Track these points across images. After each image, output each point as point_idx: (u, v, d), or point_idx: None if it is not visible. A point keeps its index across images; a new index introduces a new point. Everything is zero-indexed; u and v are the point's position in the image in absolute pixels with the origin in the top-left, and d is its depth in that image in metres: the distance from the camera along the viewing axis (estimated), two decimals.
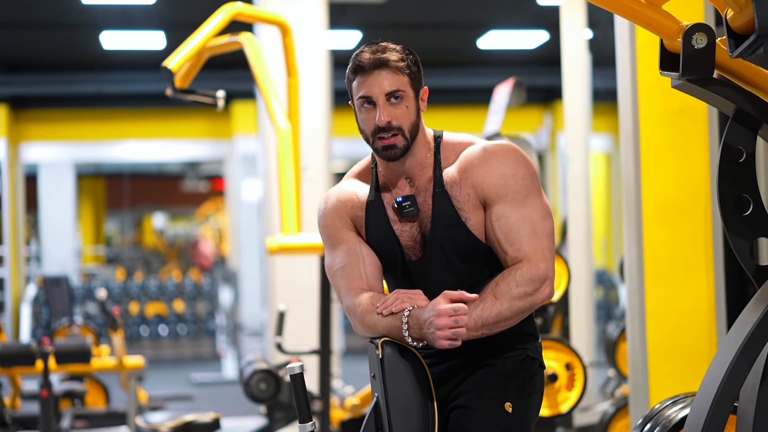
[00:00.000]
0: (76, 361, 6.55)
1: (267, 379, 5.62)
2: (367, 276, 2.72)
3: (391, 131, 2.63)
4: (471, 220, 2.67)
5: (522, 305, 2.59)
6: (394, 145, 2.64)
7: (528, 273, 2.60)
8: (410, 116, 2.65)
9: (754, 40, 2.19)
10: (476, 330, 2.57)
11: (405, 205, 2.69)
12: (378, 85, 2.63)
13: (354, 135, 11.50)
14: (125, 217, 23.91)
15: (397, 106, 2.63)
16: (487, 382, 2.67)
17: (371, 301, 2.65)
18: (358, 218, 2.77)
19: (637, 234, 4.31)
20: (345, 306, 2.70)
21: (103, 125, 14.72)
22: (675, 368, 4.25)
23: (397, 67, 2.63)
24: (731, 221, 2.52)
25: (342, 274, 2.73)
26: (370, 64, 2.64)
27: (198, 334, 15.15)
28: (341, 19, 9.98)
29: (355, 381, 8.31)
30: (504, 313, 2.57)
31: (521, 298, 2.58)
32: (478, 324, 2.56)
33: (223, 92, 5.47)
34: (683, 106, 4.25)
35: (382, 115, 2.62)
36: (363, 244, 2.75)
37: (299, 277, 7.40)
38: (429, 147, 2.73)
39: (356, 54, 2.69)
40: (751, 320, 2.45)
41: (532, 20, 10.96)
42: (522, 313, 2.61)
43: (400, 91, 2.63)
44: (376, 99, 2.64)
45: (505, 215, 2.64)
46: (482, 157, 2.68)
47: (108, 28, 10.82)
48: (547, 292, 2.63)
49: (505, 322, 2.59)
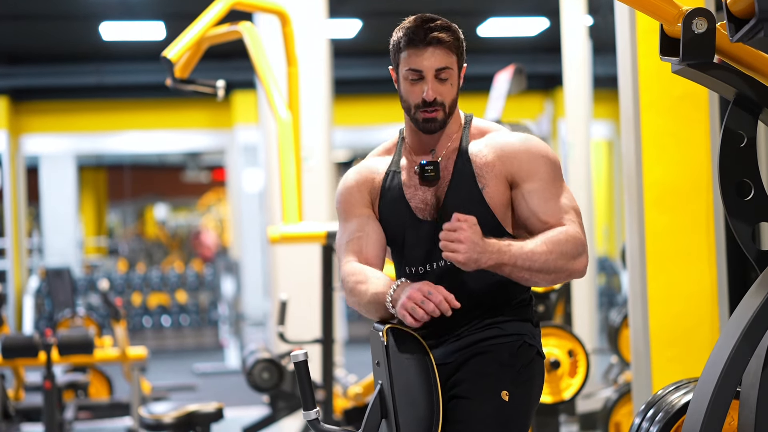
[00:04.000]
0: (79, 353, 6.55)
1: (270, 368, 5.62)
2: (367, 252, 2.76)
3: (434, 106, 2.69)
4: (488, 188, 2.69)
5: (564, 265, 2.61)
6: (435, 118, 2.70)
7: (576, 235, 2.64)
8: (452, 93, 2.72)
9: (754, 24, 2.18)
10: (520, 270, 2.57)
11: (428, 169, 2.73)
12: (429, 61, 2.67)
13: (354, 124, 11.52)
14: (127, 209, 23.93)
15: (444, 83, 2.70)
16: (483, 370, 2.66)
17: (363, 271, 2.69)
18: (374, 189, 2.82)
19: (639, 220, 4.31)
20: (340, 277, 2.77)
21: (104, 116, 14.71)
22: (677, 354, 4.25)
23: (448, 46, 2.69)
24: (733, 206, 2.52)
25: (345, 248, 2.79)
26: (425, 40, 2.68)
27: (200, 324, 15.16)
28: (341, 8, 9.96)
29: (358, 370, 8.32)
30: (550, 264, 2.59)
31: (567, 257, 2.60)
32: (525, 265, 2.57)
33: (223, 82, 5.47)
34: (684, 92, 4.24)
35: (430, 90, 2.68)
36: (372, 222, 2.79)
37: (301, 266, 7.39)
38: (459, 124, 2.79)
39: (409, 27, 2.71)
40: (753, 305, 2.45)
41: (532, 7, 10.94)
42: (559, 275, 2.61)
43: (448, 69, 2.69)
44: (426, 74, 2.69)
45: (538, 190, 2.67)
46: (512, 137, 2.74)
47: (108, 19, 10.81)
48: (584, 264, 2.65)
49: (543, 275, 2.59)
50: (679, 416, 2.76)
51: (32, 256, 15.95)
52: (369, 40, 12.10)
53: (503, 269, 2.58)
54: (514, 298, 2.74)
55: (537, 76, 12.61)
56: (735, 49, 2.45)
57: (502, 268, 2.57)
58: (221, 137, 14.92)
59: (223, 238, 20.17)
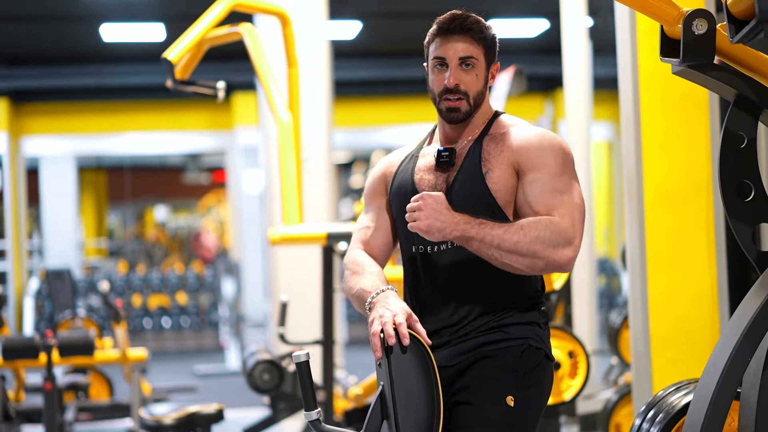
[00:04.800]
0: (80, 354, 6.56)
1: (270, 369, 5.62)
2: (372, 242, 2.86)
3: (458, 94, 2.72)
4: (492, 172, 2.70)
5: (540, 251, 2.57)
6: (458, 108, 2.73)
7: (560, 225, 2.60)
8: (478, 84, 2.74)
9: (754, 25, 2.18)
10: (488, 247, 2.58)
11: (444, 155, 2.77)
12: (453, 49, 2.72)
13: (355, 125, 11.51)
14: (127, 210, 23.93)
15: (468, 72, 2.73)
16: (487, 375, 2.66)
17: (361, 263, 2.78)
18: (390, 174, 2.90)
19: (639, 221, 4.31)
20: (343, 262, 2.89)
21: (104, 118, 14.71)
22: (678, 355, 4.25)
23: (474, 37, 2.72)
24: (733, 207, 2.52)
25: (355, 236, 2.91)
26: (451, 29, 2.73)
27: (201, 325, 15.16)
28: (341, 9, 9.96)
29: (359, 371, 8.33)
30: (521, 246, 2.57)
31: (543, 243, 2.57)
32: (494, 242, 2.58)
33: (224, 83, 5.47)
34: (684, 93, 4.24)
35: (451, 77, 2.72)
36: (383, 213, 2.88)
37: (301, 267, 7.40)
38: (487, 118, 2.81)
39: (440, 19, 2.77)
40: (753, 306, 2.45)
41: (533, 8, 10.95)
42: (534, 260, 2.58)
43: (472, 58, 2.72)
44: (450, 61, 2.73)
45: (539, 180, 2.66)
46: (529, 130, 2.75)
47: (108, 21, 10.81)
48: (568, 257, 2.60)
49: (516, 257, 2.58)
50: (679, 417, 2.76)
51: (32, 257, 15.96)
52: (369, 41, 12.10)
53: (471, 244, 2.60)
54: (520, 296, 2.72)
55: (537, 77, 12.62)
56: (735, 50, 2.46)
57: (469, 242, 2.60)
58: (221, 139, 14.93)
59: (223, 240, 20.17)
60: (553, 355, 2.79)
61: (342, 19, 10.58)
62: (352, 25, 11.12)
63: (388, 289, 2.66)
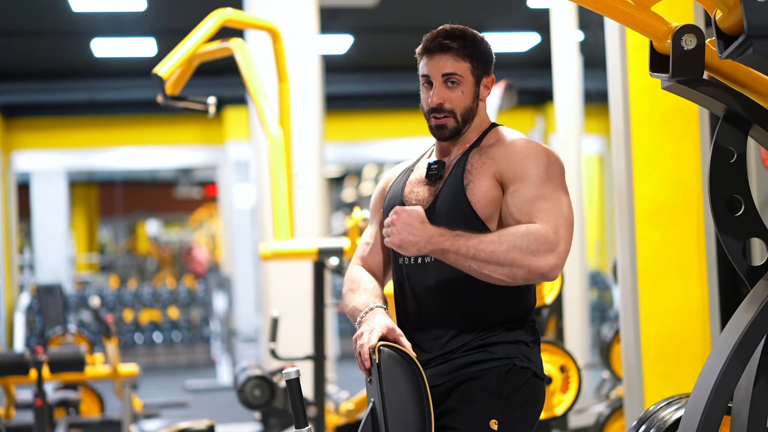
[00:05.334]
0: (70, 370, 6.53)
1: (261, 385, 5.61)
2: (369, 258, 2.87)
3: (443, 112, 2.71)
4: (473, 184, 2.66)
5: (518, 259, 2.51)
6: (444, 125, 2.72)
7: (540, 231, 2.53)
8: (465, 101, 2.72)
9: (743, 41, 2.19)
10: (465, 258, 2.54)
11: (432, 168, 2.75)
12: (437, 67, 2.71)
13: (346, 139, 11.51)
14: (118, 225, 23.90)
15: (453, 89, 2.71)
16: (471, 398, 2.62)
17: (358, 280, 2.80)
18: (387, 189, 2.89)
19: (630, 235, 4.32)
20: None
21: (96, 133, 14.71)
22: (669, 369, 4.25)
23: (458, 53, 2.71)
24: (723, 222, 2.52)
25: (356, 251, 2.92)
26: (435, 47, 2.72)
27: (192, 340, 15.13)
28: (332, 23, 9.98)
29: (350, 386, 8.30)
30: (498, 255, 2.51)
31: (521, 250, 2.51)
32: (469, 253, 2.53)
33: (214, 99, 5.47)
34: (674, 108, 4.25)
35: (435, 95, 2.70)
36: (382, 228, 2.85)
37: (293, 282, 7.38)
38: (480, 131, 2.78)
39: (425, 36, 2.76)
40: (744, 321, 2.45)
41: (524, 23, 10.97)
42: (513, 269, 2.51)
43: (456, 75, 2.70)
44: (434, 79, 2.71)
45: (521, 190, 2.61)
46: (514, 140, 2.71)
47: (99, 36, 10.81)
48: (551, 263, 2.52)
49: (493, 267, 2.52)
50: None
51: (23, 272, 15.92)
52: (360, 55, 12.12)
53: (447, 256, 2.56)
54: (507, 314, 2.68)
55: (528, 91, 12.64)
56: (724, 66, 2.46)
57: (445, 255, 2.55)
58: (213, 153, 14.93)
59: (214, 254, 20.14)
60: (543, 373, 2.73)
61: (333, 33, 10.60)
62: (343, 39, 11.14)
63: (377, 306, 2.65)
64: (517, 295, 2.69)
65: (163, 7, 9.84)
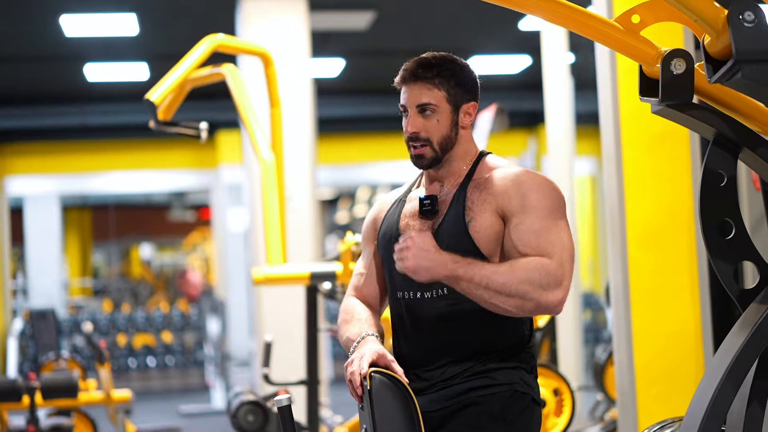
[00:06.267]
0: (63, 396, 6.51)
1: (254, 410, 5.58)
2: (364, 289, 2.87)
3: (419, 141, 2.72)
4: (475, 221, 2.66)
5: (529, 292, 2.52)
6: (422, 155, 2.73)
7: (549, 266, 2.55)
8: (441, 129, 2.72)
9: (731, 66, 2.19)
10: (477, 287, 2.53)
11: (426, 203, 2.74)
12: (412, 97, 2.72)
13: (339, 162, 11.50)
14: (112, 249, 23.85)
15: (429, 118, 2.71)
16: (475, 424, 2.63)
17: (351, 310, 2.80)
18: (379, 219, 2.89)
19: (622, 258, 4.32)
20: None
21: (89, 157, 14.70)
22: (663, 392, 4.24)
23: (432, 82, 2.71)
24: (714, 245, 2.52)
25: (351, 282, 2.93)
26: (409, 75, 2.73)
27: (186, 364, 15.08)
28: (324, 47, 10.00)
29: (344, 410, 8.27)
30: (511, 286, 2.52)
31: (532, 284, 2.52)
32: (482, 282, 2.52)
33: (206, 124, 5.47)
34: (665, 131, 4.26)
35: (409, 124, 2.72)
36: (375, 258, 2.87)
37: (286, 305, 7.37)
38: (469, 161, 2.77)
39: (405, 64, 2.77)
40: (736, 344, 2.45)
41: (515, 45, 11.01)
42: (524, 301, 2.52)
43: (431, 105, 2.71)
44: (409, 109, 2.72)
45: (524, 223, 2.62)
46: (514, 172, 2.71)
47: (91, 60, 10.83)
48: (558, 298, 2.55)
49: (504, 298, 2.52)
50: None
51: (16, 297, 15.86)
52: (352, 78, 12.14)
53: (459, 284, 2.55)
54: (505, 343, 2.69)
55: (520, 113, 12.67)
56: (714, 90, 2.47)
57: (458, 282, 2.55)
58: (206, 177, 14.93)
59: (208, 277, 20.10)
60: (540, 398, 2.76)
61: (325, 56, 10.62)
62: (335, 62, 11.16)
63: (368, 334, 2.65)
64: (516, 323, 2.71)
65: (155, 33, 9.86)
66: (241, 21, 7.82)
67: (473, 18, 9.59)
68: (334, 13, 9.07)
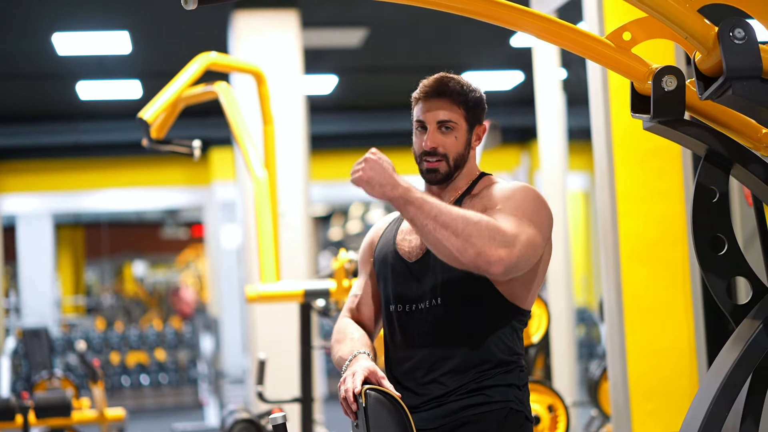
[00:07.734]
0: (57, 415, 6.49)
1: (248, 428, 5.57)
2: (360, 310, 2.89)
3: (436, 156, 2.75)
4: None
5: (474, 236, 2.48)
6: (436, 169, 2.76)
7: (502, 227, 2.53)
8: (458, 147, 2.76)
9: (722, 83, 2.21)
10: (425, 216, 2.51)
11: None
12: (433, 113, 2.75)
13: (332, 179, 11.50)
14: (105, 266, 23.82)
15: (447, 135, 2.75)
16: None
17: (344, 330, 2.81)
18: (376, 239, 2.92)
19: (615, 273, 4.32)
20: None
21: (81, 175, 14.70)
22: (657, 407, 4.24)
23: (454, 100, 2.76)
24: (707, 261, 2.53)
25: (346, 303, 2.95)
26: (431, 92, 2.77)
27: (180, 382, 15.04)
28: (317, 64, 10.02)
29: (339, 427, 8.26)
30: (458, 225, 2.49)
31: (481, 231, 2.50)
32: (432, 212, 2.51)
33: (199, 142, 5.48)
34: (657, 146, 4.28)
35: (428, 139, 2.74)
36: (371, 280, 2.89)
37: (280, 323, 7.36)
38: (470, 180, 2.82)
39: (423, 82, 2.80)
40: (730, 360, 2.45)
41: (507, 61, 11.04)
42: (465, 244, 2.49)
43: (451, 122, 2.75)
44: (428, 125, 2.75)
45: (498, 208, 2.64)
46: (511, 184, 2.75)
47: (84, 79, 10.83)
48: (500, 256, 2.49)
49: (448, 234, 2.49)
50: None
51: (9, 316, 15.81)
52: (345, 95, 12.17)
53: (408, 208, 2.53)
54: (498, 358, 2.69)
55: (513, 129, 12.70)
56: (705, 106, 2.48)
57: (407, 207, 2.53)
58: (199, 194, 14.93)
59: (201, 295, 20.07)
60: (532, 416, 2.76)
61: (318, 74, 10.64)
62: (327, 79, 11.18)
63: (360, 353, 2.65)
64: (510, 339, 2.71)
65: (148, 51, 9.87)
66: (234, 39, 7.83)
67: (465, 35, 9.61)
68: (327, 30, 9.09)
